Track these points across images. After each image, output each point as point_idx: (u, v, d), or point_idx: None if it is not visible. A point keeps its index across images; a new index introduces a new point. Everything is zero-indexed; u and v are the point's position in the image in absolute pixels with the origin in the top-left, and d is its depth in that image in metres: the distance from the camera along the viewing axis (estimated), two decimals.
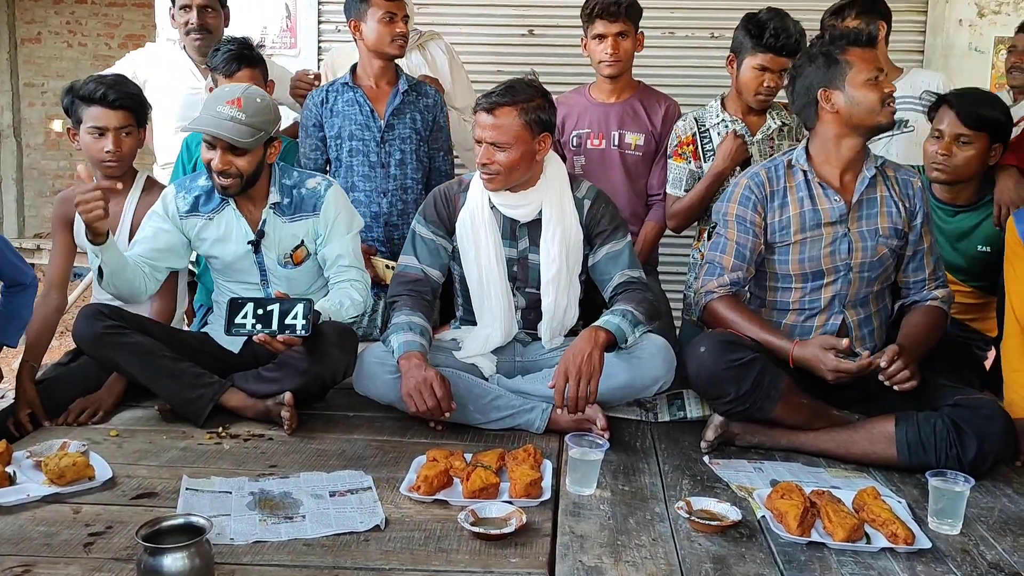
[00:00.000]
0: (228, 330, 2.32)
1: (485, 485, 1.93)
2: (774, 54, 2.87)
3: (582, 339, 2.31)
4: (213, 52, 3.01)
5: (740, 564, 1.69)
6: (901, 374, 2.15)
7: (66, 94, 2.60)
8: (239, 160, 2.42)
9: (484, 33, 4.14)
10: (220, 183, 2.46)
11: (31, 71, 8.57)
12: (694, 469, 2.18)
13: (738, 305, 2.43)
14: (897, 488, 2.09)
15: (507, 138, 2.39)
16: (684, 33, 4.09)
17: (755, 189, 2.44)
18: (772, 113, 3.03)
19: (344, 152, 3.13)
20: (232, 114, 2.37)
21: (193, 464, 2.14)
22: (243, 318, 2.31)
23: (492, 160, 2.41)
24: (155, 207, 2.59)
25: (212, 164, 2.43)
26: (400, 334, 2.41)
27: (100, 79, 2.61)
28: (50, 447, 2.11)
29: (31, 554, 1.68)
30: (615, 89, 3.12)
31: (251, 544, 1.72)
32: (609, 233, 2.54)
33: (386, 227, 3.16)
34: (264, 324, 2.31)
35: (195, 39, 3.33)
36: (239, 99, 2.39)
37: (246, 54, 2.98)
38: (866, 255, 2.38)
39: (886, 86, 2.31)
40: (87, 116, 2.56)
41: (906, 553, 1.75)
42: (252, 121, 2.40)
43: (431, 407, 2.28)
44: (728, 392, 2.23)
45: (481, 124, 2.42)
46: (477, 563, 1.67)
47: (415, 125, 3.15)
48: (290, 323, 2.30)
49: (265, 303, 2.32)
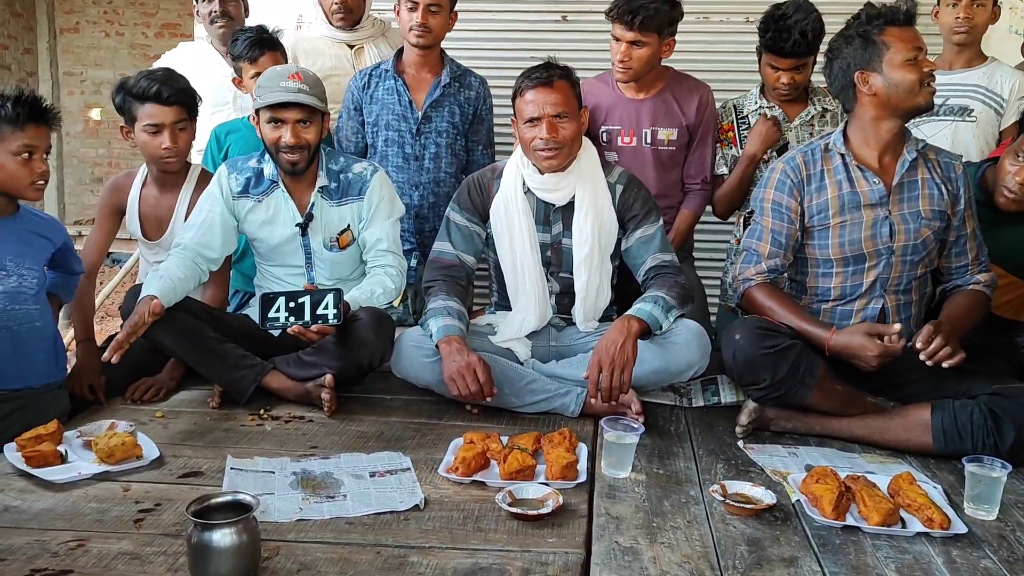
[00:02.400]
0: (262, 324, 2.38)
1: (522, 467, 1.96)
2: (777, 55, 2.87)
3: (615, 329, 2.33)
4: (232, 42, 3.04)
5: (775, 547, 1.71)
6: (943, 351, 2.13)
7: (117, 92, 2.62)
8: (307, 133, 2.52)
9: (517, 19, 4.13)
10: (290, 159, 2.52)
11: (70, 60, 8.70)
12: (728, 454, 2.20)
13: (776, 292, 2.42)
14: (933, 474, 2.09)
15: (569, 108, 2.44)
16: (719, 18, 4.05)
17: (791, 174, 2.43)
18: (814, 99, 3.01)
19: (380, 141, 3.14)
20: (299, 87, 2.48)
21: (237, 444, 2.20)
22: (276, 312, 2.37)
23: (557, 133, 2.43)
24: (209, 188, 2.64)
25: (283, 140, 2.49)
26: (438, 318, 2.44)
27: (151, 75, 2.63)
28: (99, 427, 2.17)
29: (85, 529, 1.74)
30: (642, 85, 3.04)
31: (294, 522, 1.77)
32: (641, 217, 2.56)
33: (416, 219, 3.17)
34: (297, 316, 2.36)
35: (219, 27, 3.36)
36: (298, 73, 2.51)
37: (266, 38, 3.02)
38: (909, 238, 2.35)
39: (925, 65, 2.26)
40: (142, 114, 2.59)
41: (942, 538, 1.75)
42: (315, 91, 2.52)
43: (474, 392, 2.31)
44: (764, 378, 2.23)
45: (539, 100, 2.43)
46: (515, 542, 1.70)
47: (453, 119, 3.14)
48: (321, 313, 2.36)
49: (296, 296, 2.38)
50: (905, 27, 2.28)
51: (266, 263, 2.72)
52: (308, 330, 2.36)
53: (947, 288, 2.48)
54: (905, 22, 2.28)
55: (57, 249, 2.41)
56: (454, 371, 2.32)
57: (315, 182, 2.62)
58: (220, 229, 2.59)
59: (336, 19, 3.31)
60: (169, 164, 2.64)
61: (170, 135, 2.59)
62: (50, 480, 1.93)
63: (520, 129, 2.50)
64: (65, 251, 2.46)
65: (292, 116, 2.48)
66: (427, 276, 2.61)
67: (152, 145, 2.61)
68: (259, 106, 2.52)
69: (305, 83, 2.50)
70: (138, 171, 2.79)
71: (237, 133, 3.14)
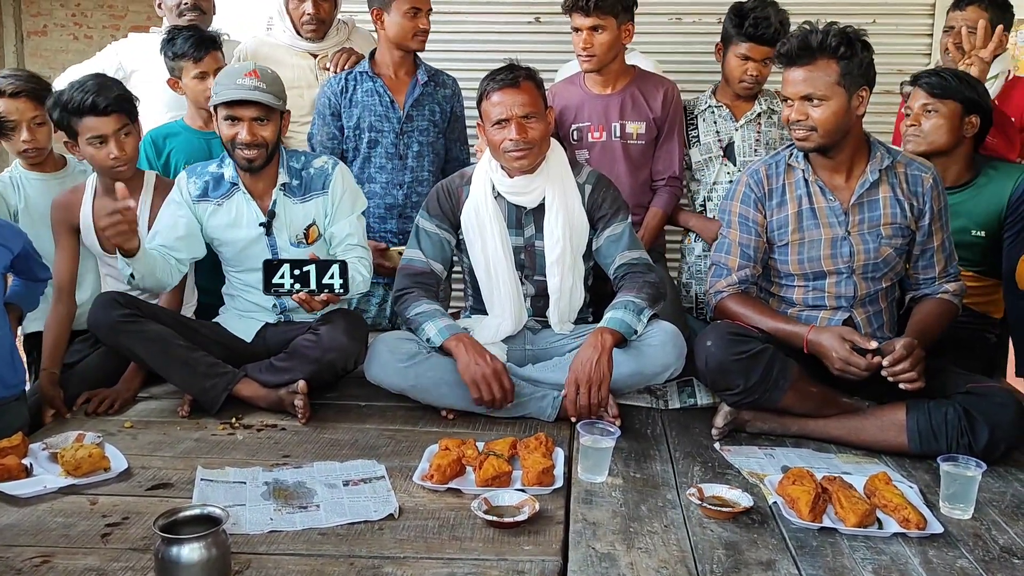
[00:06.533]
0: (267, 290, 2.37)
1: (498, 473, 1.94)
2: (755, 43, 2.89)
3: (589, 346, 2.33)
4: (168, 41, 2.94)
5: (752, 550, 1.70)
6: (906, 375, 2.13)
7: (54, 108, 2.53)
8: (264, 130, 2.49)
9: (491, 20, 4.10)
10: (247, 156, 2.49)
11: (38, 64, 8.55)
12: (705, 456, 2.19)
13: (748, 299, 2.41)
14: (908, 473, 2.09)
15: (537, 108, 2.44)
16: (691, 19, 4.06)
17: (754, 187, 2.42)
18: (761, 99, 3.05)
19: (363, 143, 3.12)
20: (255, 84, 2.45)
21: (207, 455, 2.16)
22: (280, 278, 2.35)
23: (526, 134, 2.42)
24: (171, 194, 2.60)
25: (239, 138, 2.46)
26: (436, 319, 2.43)
27: (83, 87, 2.51)
28: (66, 439, 2.13)
29: (50, 545, 1.69)
30: (608, 80, 3.05)
31: (266, 534, 1.73)
32: (610, 216, 2.56)
33: (400, 219, 3.16)
34: (302, 284, 2.34)
35: (189, 21, 3.17)
36: (254, 71, 2.48)
37: (208, 36, 2.97)
38: (869, 257, 2.34)
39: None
40: (83, 128, 2.51)
41: (918, 538, 1.75)
42: (272, 89, 2.49)
43: (497, 398, 2.31)
44: (737, 384, 2.22)
45: (506, 102, 2.42)
46: (491, 551, 1.68)
47: (433, 117, 3.14)
48: (327, 283, 2.35)
49: (301, 264, 2.36)
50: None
51: (234, 270, 2.68)
52: (313, 298, 2.35)
53: (915, 296, 2.46)
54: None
55: (16, 256, 2.35)
56: (478, 375, 2.31)
57: (276, 181, 2.59)
58: (185, 231, 2.55)
59: (306, 31, 3.22)
60: (121, 172, 2.57)
61: (116, 144, 2.52)
62: (14, 495, 1.88)
63: (488, 132, 2.48)
64: (26, 257, 2.40)
65: (248, 114, 2.45)
66: (399, 284, 2.59)
67: (100, 157, 2.54)
68: (215, 103, 2.50)
69: (262, 81, 2.46)
70: (86, 183, 2.70)
71: (177, 137, 3.04)
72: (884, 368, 2.13)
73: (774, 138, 3.05)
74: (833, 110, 2.23)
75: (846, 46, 2.21)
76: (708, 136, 3.10)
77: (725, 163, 3.08)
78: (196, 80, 2.93)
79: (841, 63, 2.21)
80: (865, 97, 2.27)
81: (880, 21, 3.90)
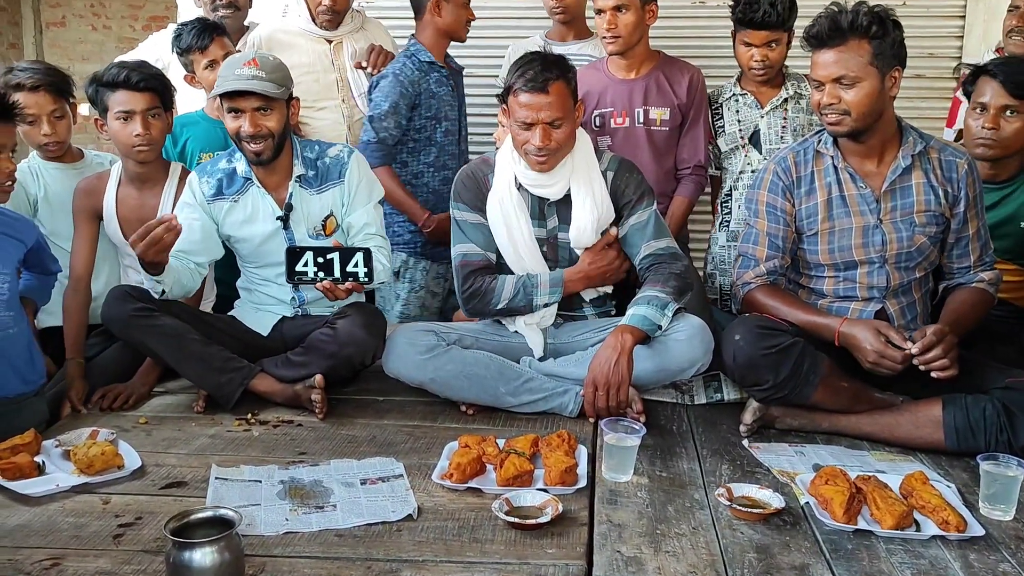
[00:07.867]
0: (290, 278, 2.33)
1: (519, 472, 1.88)
2: (750, 28, 2.82)
3: (608, 345, 2.27)
4: (175, 38, 2.97)
5: (785, 553, 1.64)
6: (938, 363, 2.05)
7: (90, 84, 2.55)
8: (268, 121, 2.42)
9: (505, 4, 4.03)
10: (253, 148, 2.43)
11: (56, 54, 8.58)
12: (733, 453, 2.12)
13: (777, 291, 2.34)
14: (945, 472, 2.02)
15: (564, 112, 2.35)
16: (715, 2, 3.96)
17: (782, 175, 2.35)
18: (788, 83, 2.95)
19: (439, 132, 3.14)
20: (253, 73, 2.39)
21: (222, 452, 2.12)
22: (304, 266, 2.30)
23: (550, 140, 2.34)
24: (183, 197, 2.56)
25: (243, 130, 2.40)
26: (535, 286, 2.45)
27: (122, 64, 2.56)
28: (79, 436, 2.09)
29: (60, 546, 1.66)
30: (633, 64, 2.99)
31: (281, 535, 1.69)
32: (635, 203, 2.49)
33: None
34: (326, 272, 2.30)
35: (224, 16, 3.22)
36: (253, 59, 2.42)
37: (209, 24, 2.96)
38: (902, 245, 2.26)
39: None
40: (113, 102, 2.51)
41: (958, 541, 1.68)
42: (273, 77, 2.41)
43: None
44: (766, 379, 2.15)
45: (533, 106, 2.31)
46: (513, 554, 1.63)
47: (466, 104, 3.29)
48: (352, 271, 2.30)
49: (324, 252, 2.31)
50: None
51: (251, 266, 2.63)
52: (337, 287, 2.30)
53: (949, 285, 2.38)
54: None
55: (29, 249, 2.32)
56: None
57: (291, 173, 2.53)
58: (201, 234, 2.50)
59: (322, 19, 3.21)
60: (142, 154, 2.54)
61: (142, 122, 2.50)
62: (26, 494, 1.85)
63: (512, 127, 2.40)
64: (38, 250, 2.37)
65: (249, 104, 2.39)
66: (466, 282, 2.48)
67: (123, 134, 2.52)
68: (214, 95, 2.46)
69: (262, 69, 2.39)
70: (111, 171, 2.69)
71: (195, 126, 3.05)
72: (914, 356, 2.06)
73: (802, 124, 2.95)
74: (867, 92, 2.15)
75: (878, 25, 2.13)
76: (733, 125, 3.01)
77: (749, 151, 2.99)
78: (207, 71, 2.91)
79: (873, 43, 2.13)
80: (898, 78, 2.19)
81: (910, 3, 3.78)
